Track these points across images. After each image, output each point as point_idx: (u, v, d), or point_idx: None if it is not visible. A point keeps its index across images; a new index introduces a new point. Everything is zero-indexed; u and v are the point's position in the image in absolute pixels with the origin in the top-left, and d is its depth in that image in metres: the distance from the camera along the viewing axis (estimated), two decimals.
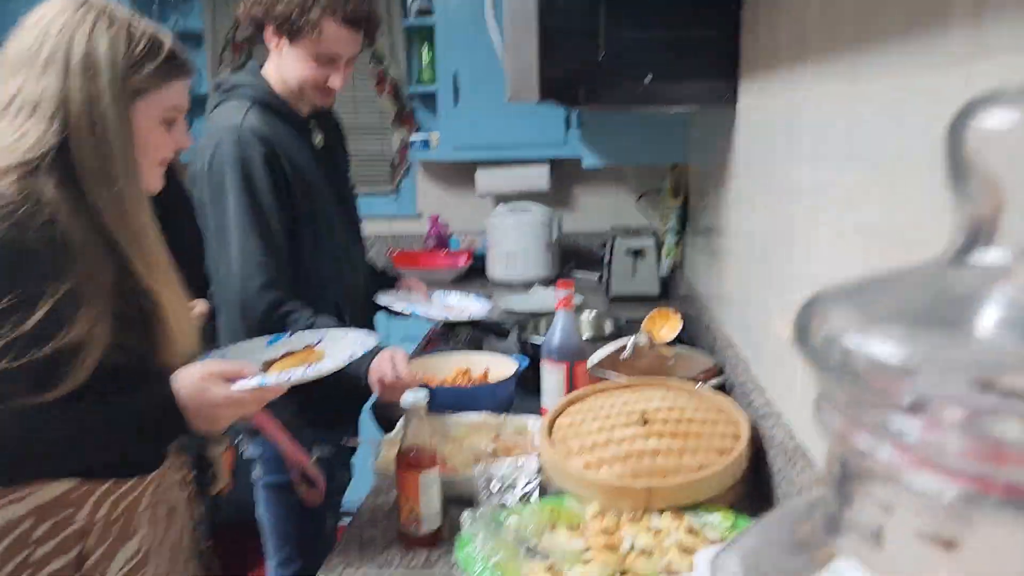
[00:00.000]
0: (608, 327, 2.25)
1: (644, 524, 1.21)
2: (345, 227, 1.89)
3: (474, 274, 3.42)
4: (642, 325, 1.99)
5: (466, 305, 2.09)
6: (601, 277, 3.03)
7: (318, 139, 1.83)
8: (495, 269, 3.32)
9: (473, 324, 2.41)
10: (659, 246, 2.89)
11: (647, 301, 2.76)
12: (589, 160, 2.69)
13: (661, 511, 1.24)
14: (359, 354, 1.25)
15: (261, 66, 1.78)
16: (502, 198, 3.59)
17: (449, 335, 2.43)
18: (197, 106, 2.24)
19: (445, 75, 3.38)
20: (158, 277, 1.10)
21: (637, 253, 2.86)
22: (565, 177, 3.66)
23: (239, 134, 1.63)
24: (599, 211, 3.70)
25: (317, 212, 1.76)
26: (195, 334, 1.18)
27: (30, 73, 1.03)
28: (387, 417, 1.79)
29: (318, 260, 1.77)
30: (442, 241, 3.70)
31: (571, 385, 1.58)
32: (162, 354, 1.12)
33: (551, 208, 3.43)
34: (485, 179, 3.52)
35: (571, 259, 3.56)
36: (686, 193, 2.70)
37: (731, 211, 1.85)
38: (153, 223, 1.11)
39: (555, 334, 1.59)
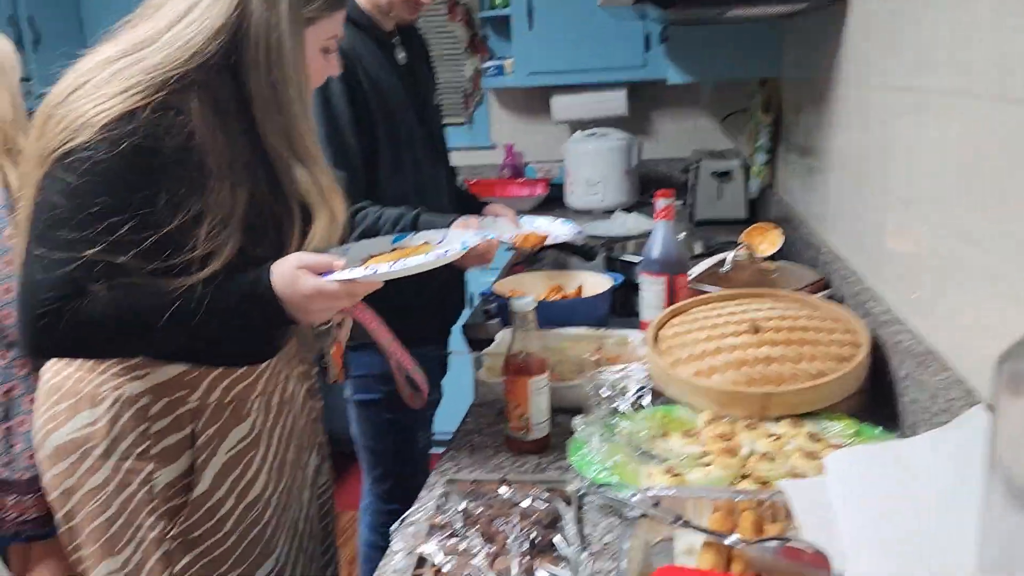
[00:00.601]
0: (699, 247, 2.19)
1: (761, 431, 1.17)
2: (427, 148, 1.84)
3: (551, 203, 3.37)
4: (740, 238, 1.92)
5: (555, 228, 2.03)
6: (684, 202, 2.94)
7: (401, 56, 1.78)
8: (573, 197, 3.26)
9: (558, 248, 2.37)
10: (746, 168, 2.79)
11: (734, 224, 2.67)
12: (675, 77, 2.59)
13: (777, 419, 1.20)
14: (452, 253, 1.13)
15: None
16: (578, 125, 3.50)
17: (533, 260, 2.39)
18: None
19: None
20: (321, 190, 1.12)
21: (723, 175, 2.77)
22: (643, 101, 3.54)
23: None
24: (678, 136, 3.59)
25: (397, 130, 1.71)
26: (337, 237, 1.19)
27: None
28: (478, 338, 1.77)
29: (397, 180, 1.72)
30: (517, 171, 3.65)
31: (671, 298, 1.54)
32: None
33: (631, 133, 3.34)
34: (561, 105, 3.44)
35: (651, 185, 3.47)
36: (779, 109, 2.58)
37: (837, 126, 1.75)
38: (317, 142, 1.15)
39: (655, 246, 1.54)
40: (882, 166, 1.40)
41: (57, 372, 1.16)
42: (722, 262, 1.71)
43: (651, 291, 1.54)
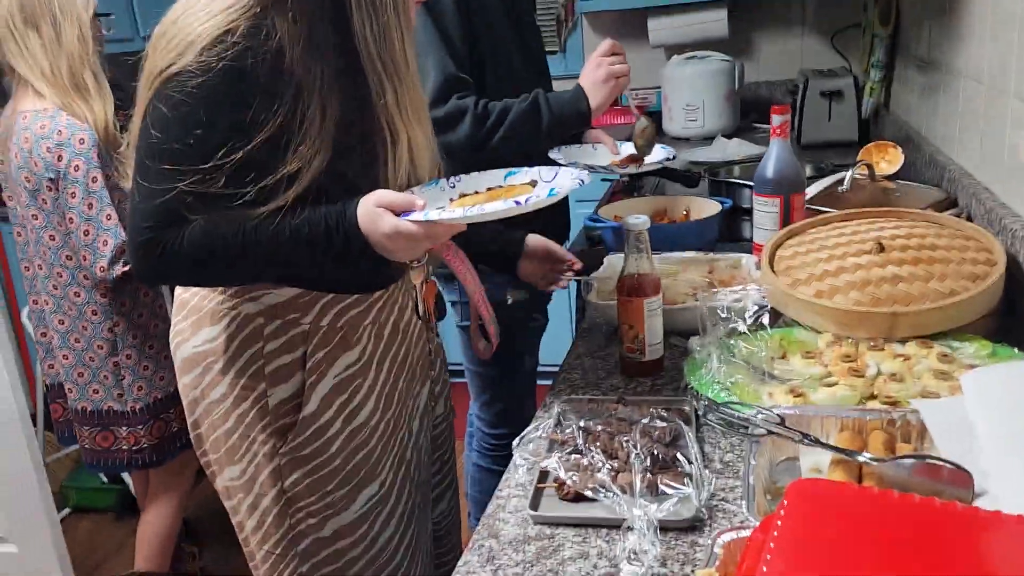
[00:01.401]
0: (809, 170, 2.10)
1: (888, 352, 1.13)
2: (529, 67, 1.82)
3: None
4: (859, 155, 1.83)
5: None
6: (791, 125, 2.82)
7: None
8: (672, 124, 3.17)
9: (658, 174, 2.31)
10: (858, 86, 2.64)
11: (845, 147, 2.55)
12: None
13: (904, 340, 1.15)
14: (532, 202, 1.03)
15: None
16: (676, 48, 3.38)
17: (633, 187, 2.35)
18: None
19: None
20: (408, 111, 1.10)
21: (833, 95, 2.63)
22: (745, 22, 3.38)
23: None
24: (783, 56, 3.42)
25: (499, 46, 1.69)
26: (434, 172, 1.18)
27: None
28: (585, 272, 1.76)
29: (500, 96, 1.71)
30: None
31: (786, 219, 1.48)
32: (384, 186, 1.10)
33: (731, 55, 3.20)
34: (658, 28, 3.32)
35: (753, 109, 3.34)
36: (897, 22, 2.42)
37: (968, 37, 1.63)
38: (414, 58, 1.11)
39: (768, 165, 1.48)
40: (1022, 76, 1.30)
41: (185, 287, 1.21)
42: (840, 181, 1.63)
43: (765, 212, 1.49)
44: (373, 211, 1.03)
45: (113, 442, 2.03)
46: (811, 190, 1.62)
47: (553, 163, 1.84)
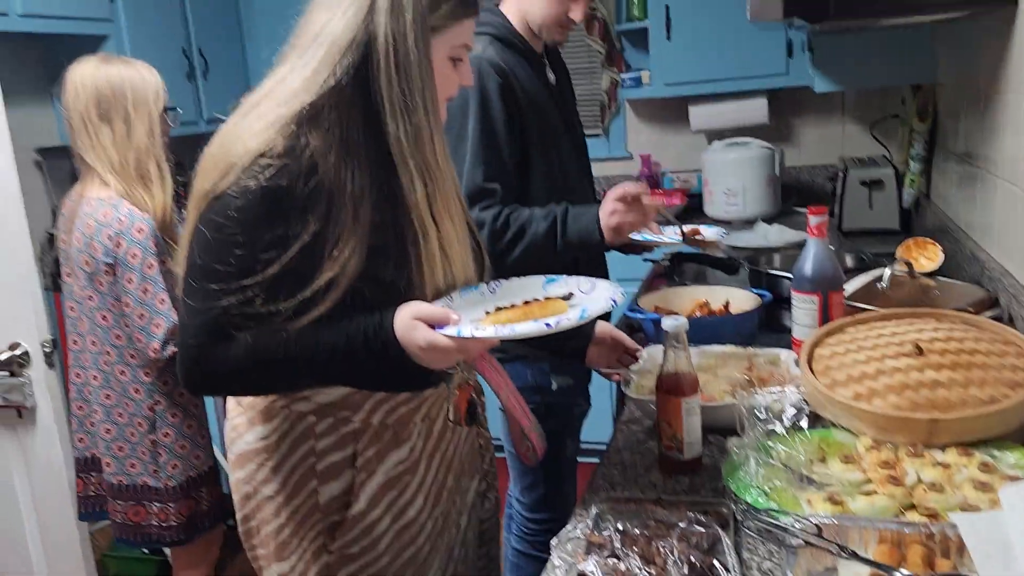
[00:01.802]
0: (850, 261, 2.12)
1: (927, 459, 1.13)
2: (575, 161, 1.89)
3: (691, 213, 3.33)
4: (897, 253, 1.85)
5: (705, 229, 2.03)
6: (831, 211, 2.84)
7: (551, 75, 1.84)
8: (713, 207, 3.21)
9: (698, 260, 2.35)
10: (898, 176, 2.67)
11: (886, 235, 2.57)
12: (822, 86, 2.51)
13: (944, 446, 1.15)
14: (563, 323, 1.04)
15: (497, 3, 1.80)
16: (717, 133, 3.46)
17: (674, 272, 2.39)
18: None
19: (657, 9, 3.28)
20: (439, 207, 1.12)
21: (873, 184, 2.66)
22: (785, 108, 3.46)
23: (479, 65, 1.65)
24: (823, 142, 3.48)
25: (548, 144, 1.77)
26: (470, 265, 1.19)
27: (337, 10, 1.08)
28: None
29: (546, 191, 1.77)
30: (654, 181, 3.64)
31: (825, 316, 1.50)
32: (420, 284, 1.13)
33: (771, 141, 3.26)
34: (699, 114, 3.40)
35: (793, 194, 3.38)
36: (935, 115, 2.46)
37: (1004, 132, 1.66)
38: (446, 155, 1.14)
39: (807, 262, 1.51)
40: None
41: None
42: (879, 278, 1.65)
43: (804, 309, 1.51)
44: (409, 323, 1.05)
45: (144, 517, 2.07)
46: (850, 286, 1.64)
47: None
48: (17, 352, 2.02)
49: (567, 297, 1.14)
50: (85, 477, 2.16)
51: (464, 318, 1.07)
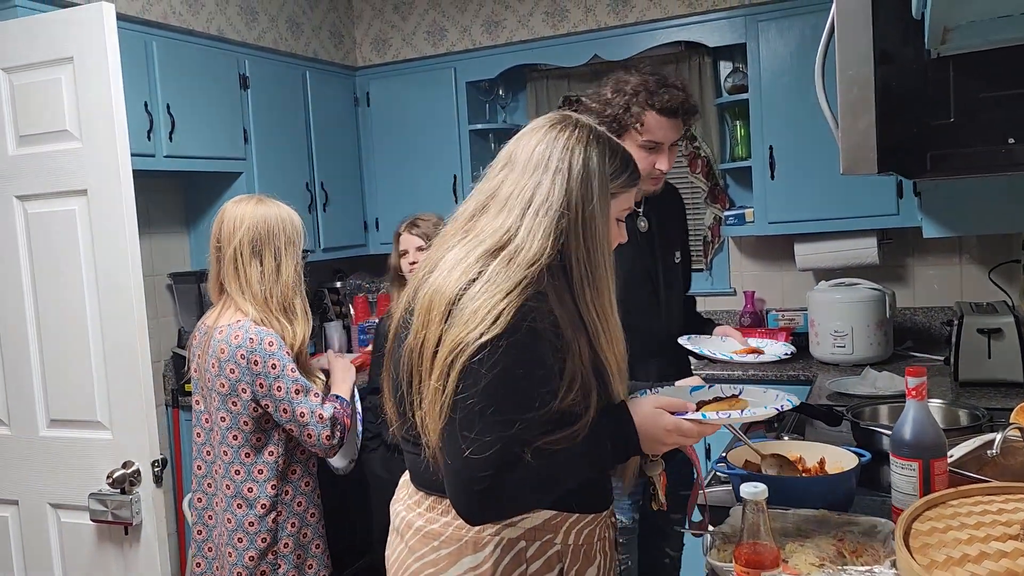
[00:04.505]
0: (964, 418, 1.99)
1: None
2: (649, 310, 1.99)
3: (797, 353, 3.22)
4: (1011, 417, 1.73)
5: (769, 347, 2.02)
6: (947, 359, 2.70)
7: (642, 224, 1.90)
8: (819, 348, 3.11)
9: (798, 410, 2.26)
10: (1019, 324, 2.52)
11: (1008, 388, 2.41)
12: (931, 231, 2.44)
13: None
14: (787, 405, 1.33)
15: None
16: (824, 272, 3.38)
17: (771, 423, 2.30)
18: None
19: (760, 149, 3.32)
20: (613, 347, 1.29)
21: (992, 332, 2.52)
22: (896, 248, 3.36)
23: None
24: (938, 284, 3.34)
25: (624, 295, 1.82)
26: (626, 389, 1.35)
27: (543, 178, 1.27)
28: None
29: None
30: (758, 318, 3.57)
31: (926, 485, 1.41)
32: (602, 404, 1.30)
33: (881, 282, 3.16)
34: (805, 253, 3.35)
35: (906, 338, 3.24)
36: None
37: None
38: (615, 304, 1.32)
39: (906, 426, 1.43)
40: None
41: (432, 520, 1.32)
42: (989, 444, 1.54)
43: (903, 476, 1.42)
44: (653, 411, 1.27)
45: None
46: (957, 450, 1.54)
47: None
48: (129, 470, 2.14)
49: (717, 400, 1.41)
50: None
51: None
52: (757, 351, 2.04)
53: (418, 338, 1.26)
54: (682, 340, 2.00)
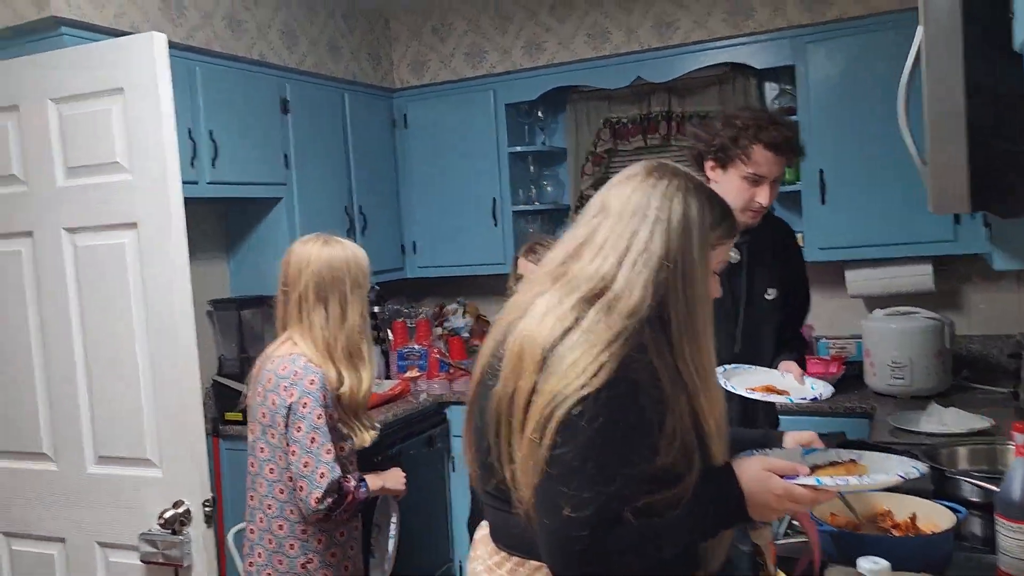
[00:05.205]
0: None
1: None
2: (725, 339, 1.93)
3: (850, 383, 3.14)
4: None
5: (794, 388, 1.91)
6: (1015, 392, 2.61)
7: (734, 255, 1.95)
8: (875, 379, 3.02)
9: (868, 447, 2.18)
10: None
11: None
12: (1002, 264, 2.35)
13: None
14: (914, 474, 1.25)
15: None
16: (876, 299, 3.30)
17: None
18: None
19: (810, 173, 3.24)
20: (713, 405, 1.22)
21: None
22: (953, 275, 3.27)
23: None
24: (997, 312, 3.24)
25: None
26: (727, 449, 1.27)
27: (641, 226, 1.22)
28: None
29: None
30: (808, 346, 3.48)
31: None
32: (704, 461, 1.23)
33: (934, 309, 3.06)
34: (856, 279, 3.27)
35: (962, 367, 3.14)
36: None
37: None
38: (714, 356, 1.25)
39: (1014, 486, 1.35)
40: None
41: (491, 570, 1.29)
42: None
43: (1014, 540, 1.34)
44: (762, 475, 1.20)
45: None
46: None
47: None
48: (180, 510, 2.09)
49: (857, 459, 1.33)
50: None
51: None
52: (777, 391, 1.89)
53: (507, 387, 1.21)
54: (719, 369, 1.94)
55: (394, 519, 2.30)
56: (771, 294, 2.09)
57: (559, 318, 1.20)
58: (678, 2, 3.43)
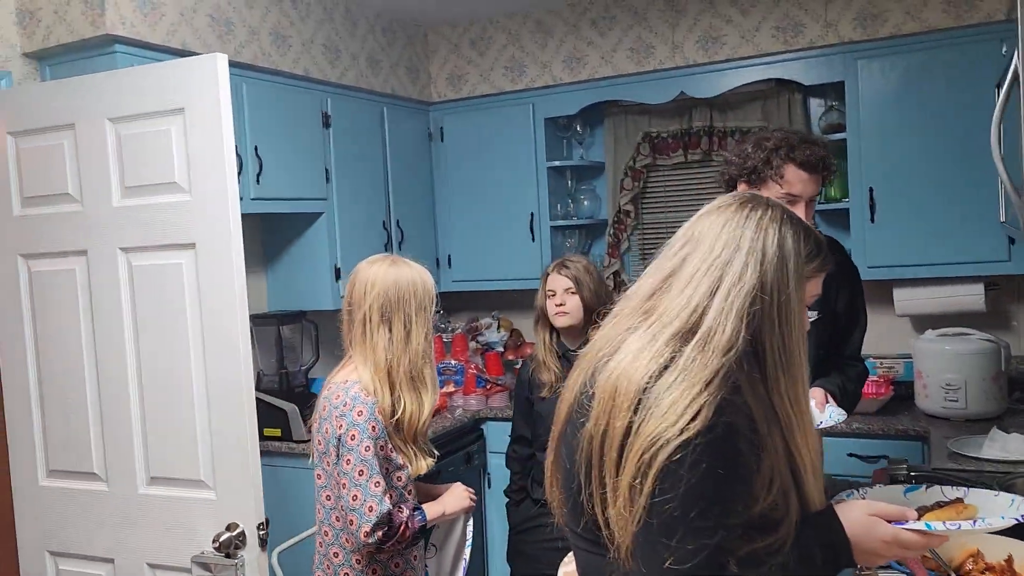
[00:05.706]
0: None
1: None
2: None
3: (900, 404, 3.09)
4: None
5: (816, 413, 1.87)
6: None
7: None
8: (928, 401, 2.97)
9: (936, 479, 2.13)
10: None
11: None
12: None
13: None
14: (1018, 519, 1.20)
15: None
16: (924, 319, 3.25)
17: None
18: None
19: (859, 191, 3.20)
20: (808, 441, 1.18)
21: None
22: (1005, 295, 3.22)
23: None
24: None
25: None
26: (823, 490, 1.22)
27: (734, 257, 1.18)
28: None
29: None
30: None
31: None
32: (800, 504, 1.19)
33: (985, 330, 3.01)
34: (905, 298, 3.22)
35: (1016, 389, 3.08)
36: None
37: None
38: (807, 388, 1.20)
39: None
40: None
41: None
42: None
43: None
44: (867, 520, 1.16)
45: None
46: None
47: None
48: (234, 532, 2.06)
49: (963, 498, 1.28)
50: None
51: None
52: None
53: (599, 425, 1.16)
54: None
55: (469, 535, 2.24)
56: (810, 317, 2.03)
57: (654, 356, 1.16)
58: (725, 17, 3.40)
